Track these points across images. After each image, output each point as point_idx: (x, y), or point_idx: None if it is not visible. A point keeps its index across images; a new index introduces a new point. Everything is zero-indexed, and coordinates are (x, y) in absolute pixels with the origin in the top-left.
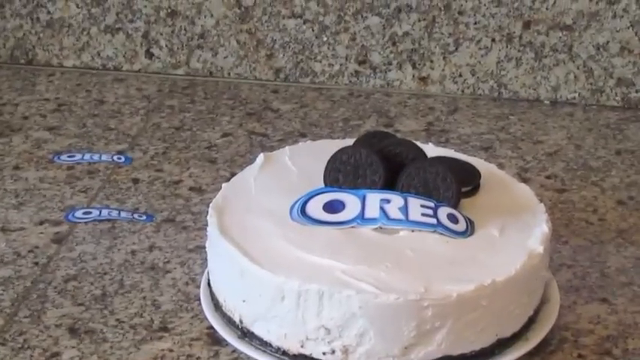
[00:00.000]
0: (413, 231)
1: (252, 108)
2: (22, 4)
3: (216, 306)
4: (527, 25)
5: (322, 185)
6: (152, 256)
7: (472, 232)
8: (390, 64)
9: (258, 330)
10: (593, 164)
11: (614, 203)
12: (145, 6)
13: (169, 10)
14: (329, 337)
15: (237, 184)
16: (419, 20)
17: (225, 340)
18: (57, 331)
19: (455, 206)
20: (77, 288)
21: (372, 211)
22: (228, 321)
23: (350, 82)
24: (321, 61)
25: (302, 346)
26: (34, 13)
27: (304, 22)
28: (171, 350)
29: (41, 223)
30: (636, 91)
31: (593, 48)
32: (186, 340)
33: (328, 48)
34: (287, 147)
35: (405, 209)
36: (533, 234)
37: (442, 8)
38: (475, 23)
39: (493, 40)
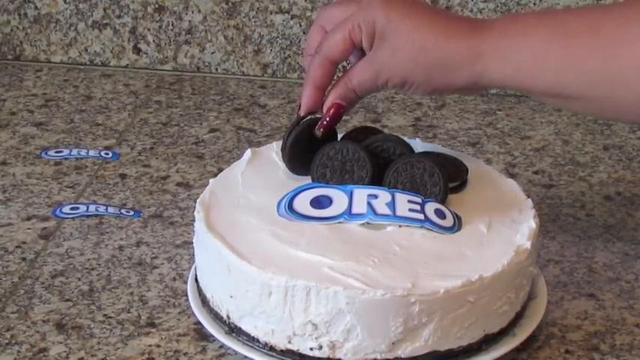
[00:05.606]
0: (400, 226)
1: (240, 103)
2: None
3: (204, 302)
4: None
5: (309, 181)
6: (139, 252)
7: (459, 228)
8: None
9: (245, 326)
10: (580, 160)
11: (602, 199)
12: (133, 1)
13: (157, 6)
14: (316, 332)
15: (225, 179)
16: None
17: (212, 336)
18: (44, 326)
19: (442, 202)
20: (64, 284)
21: (360, 206)
22: (216, 317)
23: (337, 77)
24: None
25: (289, 342)
26: (21, 9)
27: (292, 18)
28: (158, 346)
29: (28, 218)
30: None
31: None
32: (174, 336)
33: None
34: (274, 142)
35: (392, 205)
36: (520, 230)
37: (430, 3)
38: None
39: None
